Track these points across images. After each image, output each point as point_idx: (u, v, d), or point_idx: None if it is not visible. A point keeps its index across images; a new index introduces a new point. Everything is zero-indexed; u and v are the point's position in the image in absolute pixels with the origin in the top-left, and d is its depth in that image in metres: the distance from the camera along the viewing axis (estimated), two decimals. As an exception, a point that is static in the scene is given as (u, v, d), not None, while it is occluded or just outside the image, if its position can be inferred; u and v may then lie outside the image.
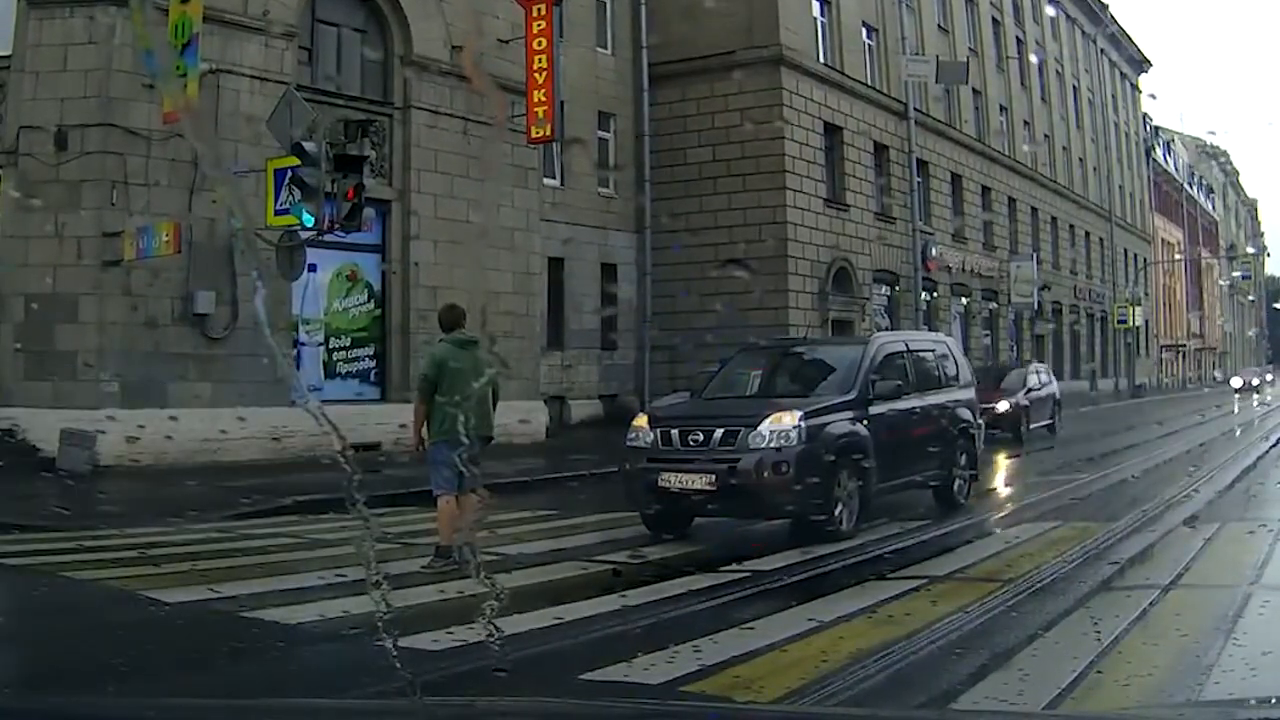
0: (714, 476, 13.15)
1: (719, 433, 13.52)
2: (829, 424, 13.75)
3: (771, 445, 13.15)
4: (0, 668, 7.51)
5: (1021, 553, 12.49)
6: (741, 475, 13.10)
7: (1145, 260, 77.31)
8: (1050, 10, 59.60)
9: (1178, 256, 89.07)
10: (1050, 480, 20.08)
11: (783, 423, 13.28)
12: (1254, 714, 3.80)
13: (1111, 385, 65.65)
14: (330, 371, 24.29)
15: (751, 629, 8.91)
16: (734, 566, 11.75)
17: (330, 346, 24.32)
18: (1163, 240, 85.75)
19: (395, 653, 4.09)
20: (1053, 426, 33.12)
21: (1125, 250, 72.59)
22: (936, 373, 16.96)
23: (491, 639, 5.35)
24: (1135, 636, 8.44)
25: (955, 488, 16.37)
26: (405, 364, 24.25)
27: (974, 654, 8.10)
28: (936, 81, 42.62)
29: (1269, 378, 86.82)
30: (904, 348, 16.60)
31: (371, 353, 24.88)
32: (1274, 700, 4.39)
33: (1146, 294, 75.72)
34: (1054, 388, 34.70)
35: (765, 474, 13.08)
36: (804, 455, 13.15)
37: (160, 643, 8.60)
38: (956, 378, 17.40)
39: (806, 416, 13.44)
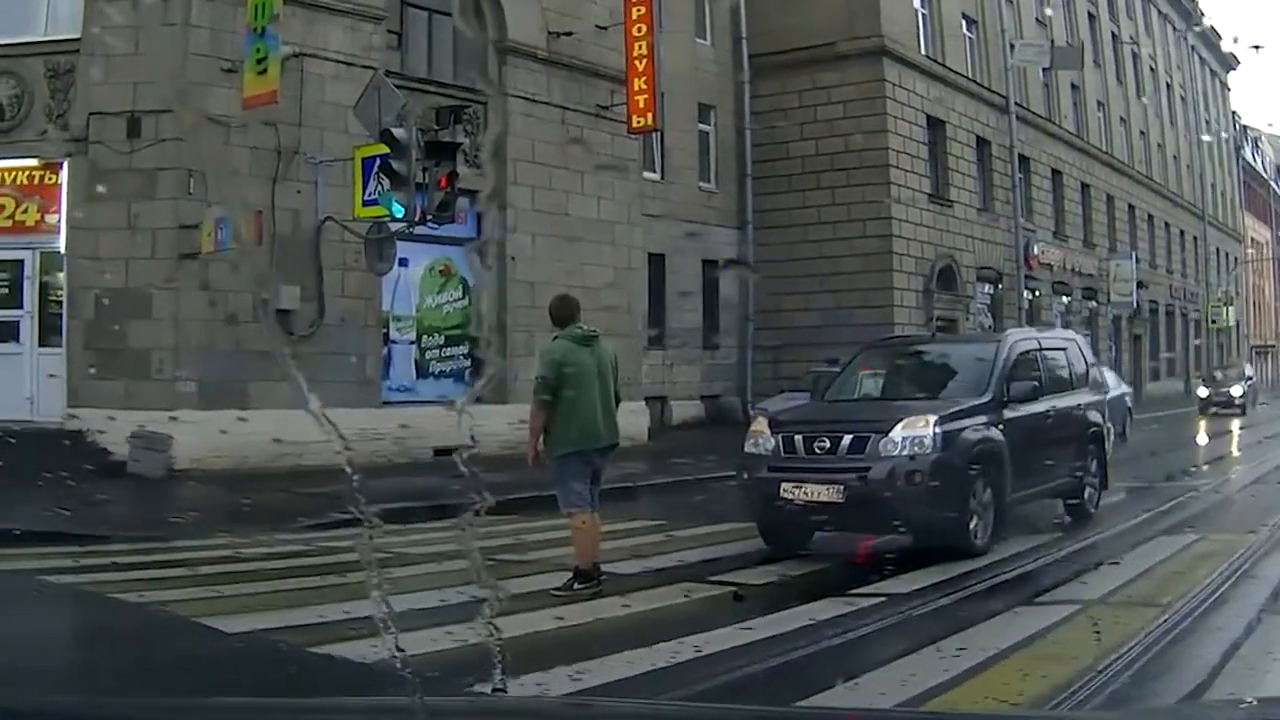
0: (843, 487, 12.07)
1: (847, 439, 12.40)
2: (964, 429, 12.67)
3: (905, 453, 12.09)
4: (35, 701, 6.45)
5: (1170, 570, 11.60)
6: (873, 485, 12.01)
7: (1236, 259, 76.87)
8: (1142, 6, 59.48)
9: (1267, 256, 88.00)
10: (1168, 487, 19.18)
11: (917, 428, 12.20)
12: (1254, 714, 3.75)
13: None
14: (422, 371, 23.60)
15: (913, 675, 7.72)
16: (866, 589, 10.67)
17: (422, 345, 23.64)
18: (1251, 239, 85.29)
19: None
20: (1124, 434, 27.23)
21: (1217, 249, 72.06)
22: (1067, 373, 15.89)
23: (492, 638, 4.54)
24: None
25: (1086, 496, 15.24)
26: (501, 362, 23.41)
27: (1154, 697, 7.25)
28: (1050, 67, 42.55)
29: None
30: (1036, 346, 15.48)
31: (466, 351, 24.07)
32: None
33: (1238, 293, 75.14)
34: (1122, 389, 29.66)
35: (899, 484, 12.02)
36: (939, 464, 12.08)
37: (213, 683, 7.44)
38: (1086, 377, 16.36)
39: (942, 421, 12.35)
